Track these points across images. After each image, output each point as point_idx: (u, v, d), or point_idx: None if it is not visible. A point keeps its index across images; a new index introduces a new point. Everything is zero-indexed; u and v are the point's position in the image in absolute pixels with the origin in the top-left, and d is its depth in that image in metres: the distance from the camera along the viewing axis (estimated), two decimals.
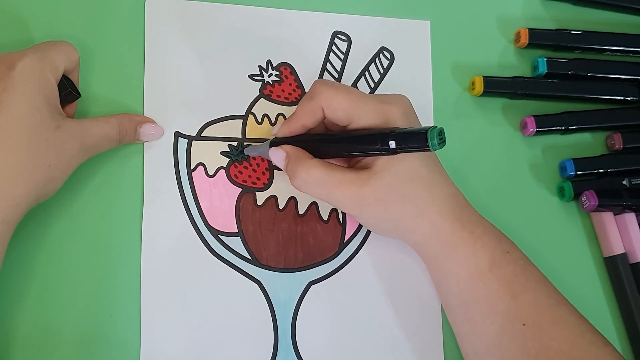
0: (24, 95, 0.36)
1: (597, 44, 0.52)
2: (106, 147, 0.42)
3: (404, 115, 0.41)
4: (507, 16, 0.52)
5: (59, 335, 0.41)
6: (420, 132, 0.37)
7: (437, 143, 0.36)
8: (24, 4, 0.44)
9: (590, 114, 0.51)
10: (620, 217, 0.49)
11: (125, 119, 0.43)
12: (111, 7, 0.46)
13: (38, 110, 0.37)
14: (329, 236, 0.46)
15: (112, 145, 0.42)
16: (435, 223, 0.42)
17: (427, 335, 0.46)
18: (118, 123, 0.42)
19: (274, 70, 0.48)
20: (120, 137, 0.42)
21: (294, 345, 0.44)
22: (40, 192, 0.38)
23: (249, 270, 0.45)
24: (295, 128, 0.42)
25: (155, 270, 0.43)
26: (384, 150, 0.38)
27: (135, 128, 0.43)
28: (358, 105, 0.41)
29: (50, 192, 0.39)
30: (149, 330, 0.42)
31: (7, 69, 0.37)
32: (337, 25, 0.49)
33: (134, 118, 0.43)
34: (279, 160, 0.42)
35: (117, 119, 0.42)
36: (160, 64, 0.46)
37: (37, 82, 0.37)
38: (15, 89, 0.36)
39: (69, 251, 0.42)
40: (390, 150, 0.38)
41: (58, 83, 0.39)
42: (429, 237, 0.42)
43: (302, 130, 0.43)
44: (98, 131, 0.41)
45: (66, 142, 0.38)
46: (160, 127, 0.44)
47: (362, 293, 0.46)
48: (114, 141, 0.42)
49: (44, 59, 0.38)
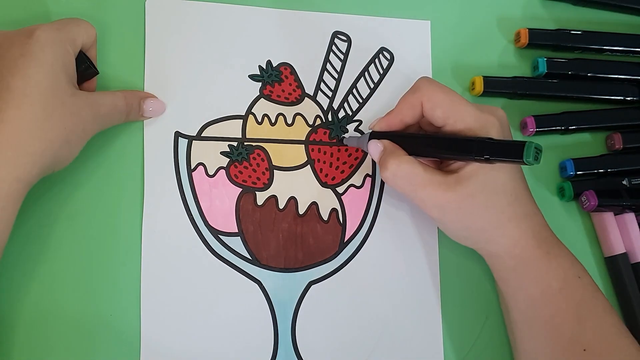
0: (41, 59, 0.37)
1: (597, 44, 0.52)
2: (116, 119, 0.43)
3: (501, 127, 0.41)
4: (507, 16, 0.52)
5: (59, 335, 0.41)
6: (517, 145, 0.36)
7: (533, 159, 0.36)
8: (22, 10, 0.45)
9: (590, 114, 0.51)
10: (620, 217, 0.49)
11: (129, 92, 0.43)
12: (111, 7, 0.46)
13: (55, 75, 0.37)
14: (329, 236, 0.46)
15: (120, 117, 0.43)
16: (512, 238, 0.42)
17: (427, 336, 0.46)
18: (124, 96, 0.42)
19: (274, 70, 0.48)
20: (127, 109, 0.43)
21: (294, 345, 0.44)
22: (55, 153, 0.38)
23: (249, 270, 0.45)
24: (394, 122, 0.43)
25: (155, 270, 0.43)
26: (478, 157, 0.38)
27: (139, 103, 0.44)
28: (458, 106, 0.41)
29: (65, 157, 0.39)
30: (149, 330, 0.42)
31: (26, 37, 0.38)
32: (337, 25, 0.49)
33: (137, 93, 0.44)
34: (376, 152, 0.43)
35: (122, 92, 0.43)
36: (160, 64, 0.46)
37: (54, 50, 0.38)
38: (33, 53, 0.37)
39: (69, 251, 0.42)
40: (483, 159, 0.38)
41: (76, 57, 0.40)
42: (504, 251, 0.42)
43: (399, 125, 0.43)
44: (108, 101, 0.41)
45: (81, 107, 0.39)
46: (162, 102, 0.45)
47: (362, 293, 0.46)
48: (122, 113, 0.42)
49: (62, 30, 0.39)
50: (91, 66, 0.41)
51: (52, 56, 0.37)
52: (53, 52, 0.38)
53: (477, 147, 0.39)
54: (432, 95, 0.42)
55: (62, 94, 0.38)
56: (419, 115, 0.43)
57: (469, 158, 0.40)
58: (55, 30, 0.38)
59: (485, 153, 0.38)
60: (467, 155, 0.39)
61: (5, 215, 0.36)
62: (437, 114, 0.42)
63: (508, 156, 0.37)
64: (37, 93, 0.37)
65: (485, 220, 0.41)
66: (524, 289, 0.42)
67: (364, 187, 0.48)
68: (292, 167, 0.46)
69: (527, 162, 0.36)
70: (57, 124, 0.37)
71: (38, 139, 0.36)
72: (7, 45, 0.38)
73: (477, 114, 0.41)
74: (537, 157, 0.36)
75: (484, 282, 0.48)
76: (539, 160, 0.36)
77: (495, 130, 0.41)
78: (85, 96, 0.39)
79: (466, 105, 0.41)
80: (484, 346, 0.47)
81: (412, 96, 0.42)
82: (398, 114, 0.43)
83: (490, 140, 0.38)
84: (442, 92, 0.42)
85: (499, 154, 0.38)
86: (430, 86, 0.42)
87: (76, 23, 0.40)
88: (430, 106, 0.42)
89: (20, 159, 0.36)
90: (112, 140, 0.44)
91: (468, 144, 0.39)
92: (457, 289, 0.48)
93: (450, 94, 0.42)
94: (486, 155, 0.38)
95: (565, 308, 0.41)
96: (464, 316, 0.47)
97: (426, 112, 0.42)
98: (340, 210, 0.47)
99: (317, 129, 0.47)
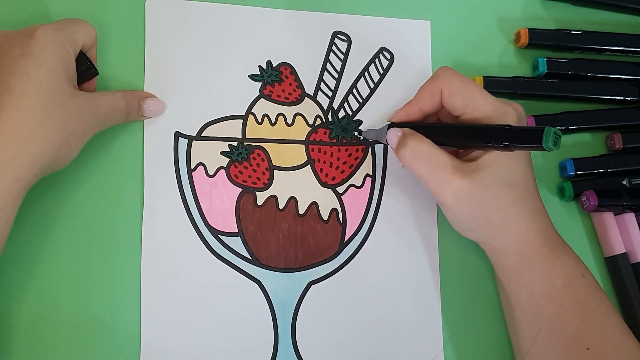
0: (41, 60, 0.37)
1: (597, 44, 0.52)
2: (116, 119, 0.43)
3: (519, 118, 0.42)
4: (507, 16, 0.52)
5: (59, 335, 0.41)
6: (536, 130, 0.37)
7: (552, 144, 0.36)
8: (22, 10, 0.45)
9: (590, 114, 0.51)
10: (620, 217, 0.49)
11: (129, 92, 0.43)
12: (111, 7, 0.46)
13: (55, 75, 0.37)
14: (329, 236, 0.46)
15: (120, 117, 0.43)
16: (518, 234, 0.42)
17: (427, 335, 0.46)
18: (123, 96, 0.42)
19: (274, 70, 0.48)
20: (127, 109, 0.43)
21: (294, 345, 0.44)
22: (55, 154, 0.38)
23: (249, 270, 0.45)
24: (413, 111, 0.43)
25: (155, 270, 0.43)
26: (497, 144, 0.39)
27: (139, 102, 0.44)
28: (477, 95, 0.41)
29: (64, 158, 0.39)
30: (149, 330, 0.42)
31: (26, 37, 0.38)
32: (337, 25, 0.49)
33: (137, 93, 0.44)
34: (394, 138, 0.42)
35: (121, 92, 0.43)
36: (160, 64, 0.46)
37: (54, 50, 0.38)
38: (33, 54, 0.37)
39: (69, 251, 0.42)
40: (503, 145, 0.38)
41: (76, 57, 0.40)
42: (509, 247, 0.42)
43: (418, 115, 0.43)
44: (108, 102, 0.41)
45: (81, 108, 0.39)
46: (161, 101, 0.45)
47: (362, 293, 0.46)
48: (122, 113, 0.42)
49: (62, 31, 0.39)
50: (91, 67, 0.41)
51: (52, 57, 0.38)
52: (53, 53, 0.38)
53: (496, 134, 0.39)
54: (451, 84, 0.42)
55: (62, 95, 0.38)
56: (438, 104, 0.43)
57: (488, 146, 0.40)
58: (55, 31, 0.38)
59: (504, 140, 0.38)
60: (486, 142, 0.40)
61: (5, 215, 0.36)
62: (457, 102, 0.42)
63: (527, 142, 0.37)
64: (37, 93, 0.37)
65: (495, 212, 0.41)
66: (527, 287, 0.42)
67: (364, 187, 0.48)
68: (292, 167, 0.46)
69: (546, 147, 0.36)
70: (57, 125, 0.37)
71: (38, 139, 0.36)
72: (8, 46, 0.38)
73: (495, 103, 0.41)
74: (556, 142, 0.36)
75: (485, 282, 0.48)
76: (558, 145, 0.36)
77: (513, 120, 0.41)
78: (85, 96, 0.39)
79: (485, 94, 0.42)
80: (484, 346, 0.47)
81: (432, 84, 0.43)
82: (417, 102, 0.43)
83: (509, 127, 0.39)
84: (461, 81, 0.42)
85: (518, 140, 0.38)
86: (449, 74, 0.42)
87: (77, 23, 0.41)
88: (449, 93, 0.42)
89: (20, 159, 0.36)
90: (112, 140, 0.44)
91: (487, 130, 0.40)
92: (458, 288, 0.48)
93: (470, 83, 0.42)
94: (505, 142, 0.38)
95: (569, 307, 0.41)
96: (464, 316, 0.47)
97: (445, 100, 0.42)
98: (340, 210, 0.47)
99: (317, 129, 0.47)
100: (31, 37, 0.37)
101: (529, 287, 0.42)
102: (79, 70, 0.40)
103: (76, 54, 0.40)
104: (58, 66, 0.38)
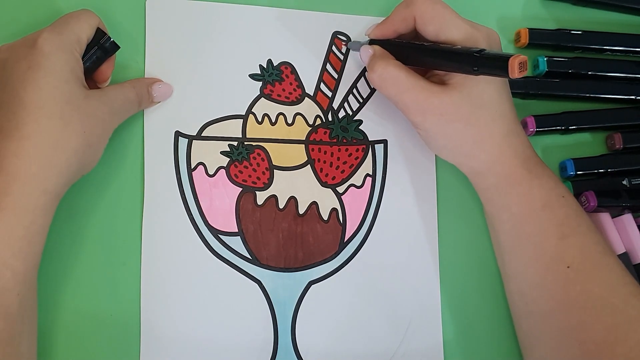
0: (49, 69, 0.37)
1: (597, 44, 0.52)
2: (130, 111, 0.43)
3: (489, 44, 0.42)
4: (507, 16, 0.52)
5: (58, 335, 0.41)
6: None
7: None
8: (22, 10, 0.44)
9: (590, 113, 0.51)
10: (620, 217, 0.49)
11: (136, 81, 0.44)
12: (111, 7, 0.46)
13: (66, 81, 0.37)
14: (329, 236, 0.46)
15: (134, 108, 0.43)
16: (494, 154, 0.42)
17: (427, 335, 0.46)
18: (132, 86, 0.43)
19: (275, 69, 0.48)
20: (138, 99, 0.43)
21: (294, 345, 0.44)
22: (80, 160, 0.38)
23: (249, 270, 0.45)
24: (387, 32, 0.44)
25: (155, 270, 0.43)
26: (465, 68, 0.39)
27: (147, 89, 0.44)
28: (449, 22, 0.42)
29: (91, 161, 0.40)
30: (149, 330, 0.42)
31: (29, 47, 0.37)
32: (337, 25, 0.49)
33: (143, 80, 0.44)
34: (366, 56, 0.44)
35: (129, 83, 0.43)
36: (160, 64, 0.46)
37: (60, 56, 0.38)
38: (40, 64, 0.37)
39: (69, 251, 0.43)
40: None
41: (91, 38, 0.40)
42: (486, 168, 0.42)
43: (393, 35, 0.45)
44: (119, 95, 0.41)
45: (96, 108, 0.39)
46: (168, 84, 0.45)
47: (362, 293, 0.46)
48: (134, 103, 0.43)
49: (64, 32, 0.38)
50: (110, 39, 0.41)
51: (59, 63, 0.37)
52: (59, 59, 0.37)
53: (464, 58, 0.39)
54: (424, 12, 0.42)
55: (76, 99, 0.38)
56: (412, 28, 0.44)
57: (457, 69, 0.41)
58: (57, 35, 0.38)
59: (472, 64, 0.39)
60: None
61: (37, 228, 0.36)
62: (429, 30, 0.42)
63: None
64: (52, 104, 0.37)
65: (466, 132, 0.42)
66: (506, 208, 0.42)
67: (364, 187, 0.48)
68: (292, 166, 0.46)
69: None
70: (76, 130, 0.37)
71: (61, 149, 0.37)
72: (14, 60, 0.37)
73: (467, 29, 0.42)
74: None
75: (485, 282, 0.48)
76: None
77: (483, 46, 0.41)
78: (97, 95, 0.40)
79: (457, 20, 0.42)
80: (484, 346, 0.47)
81: (405, 10, 0.43)
82: (391, 25, 0.44)
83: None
84: (434, 9, 0.42)
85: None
86: (423, 3, 0.42)
87: (77, 19, 0.40)
88: (422, 22, 0.43)
89: (46, 171, 0.36)
90: (112, 140, 0.44)
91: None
92: (458, 288, 0.48)
93: (442, 9, 0.42)
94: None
95: (548, 225, 0.41)
96: (465, 316, 0.47)
97: (418, 27, 0.43)
98: (341, 210, 0.47)
99: (317, 128, 0.47)
100: (34, 47, 0.37)
101: (507, 208, 0.42)
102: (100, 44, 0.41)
103: (82, 52, 0.40)
104: (66, 71, 0.38)
